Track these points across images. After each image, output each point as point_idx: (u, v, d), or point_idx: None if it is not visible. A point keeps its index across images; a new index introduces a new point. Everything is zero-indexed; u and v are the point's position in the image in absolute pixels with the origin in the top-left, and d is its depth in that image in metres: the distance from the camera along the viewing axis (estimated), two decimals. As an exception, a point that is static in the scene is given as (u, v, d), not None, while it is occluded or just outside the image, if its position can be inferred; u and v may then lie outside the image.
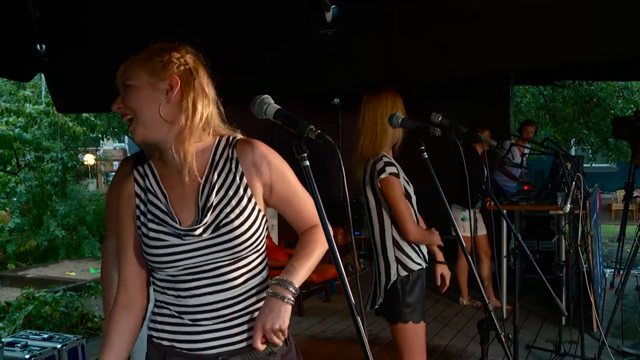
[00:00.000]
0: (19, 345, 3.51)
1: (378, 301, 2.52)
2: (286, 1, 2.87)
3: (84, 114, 8.77)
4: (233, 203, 1.40)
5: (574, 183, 3.66)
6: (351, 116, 2.61)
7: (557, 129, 11.93)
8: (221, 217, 1.39)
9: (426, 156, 2.21)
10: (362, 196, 2.59)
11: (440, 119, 2.28)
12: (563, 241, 4.69)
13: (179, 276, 1.41)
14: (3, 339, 3.79)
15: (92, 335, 5.21)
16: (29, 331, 3.96)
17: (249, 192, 1.43)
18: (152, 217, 1.43)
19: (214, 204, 1.40)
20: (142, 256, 1.46)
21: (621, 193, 9.74)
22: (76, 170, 10.60)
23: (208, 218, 1.39)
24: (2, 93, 10.22)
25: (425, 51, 2.76)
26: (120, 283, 1.50)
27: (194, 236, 1.39)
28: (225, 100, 1.54)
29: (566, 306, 3.60)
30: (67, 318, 5.20)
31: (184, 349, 1.43)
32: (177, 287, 1.42)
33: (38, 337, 3.68)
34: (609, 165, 15.65)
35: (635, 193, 6.17)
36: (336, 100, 7.62)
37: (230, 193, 1.41)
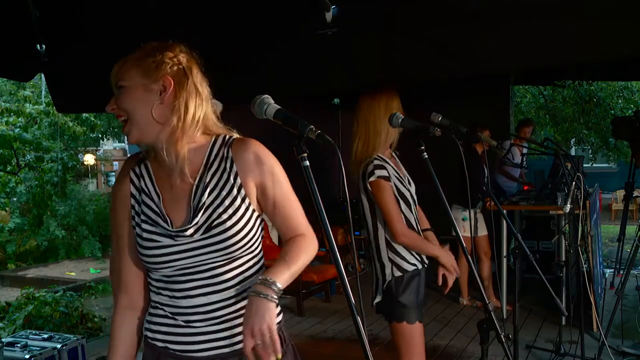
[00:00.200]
0: (19, 345, 3.51)
1: (376, 299, 2.53)
2: (286, 1, 2.87)
3: (84, 114, 8.77)
4: (226, 203, 1.39)
5: (574, 183, 3.66)
6: (351, 116, 2.61)
7: (557, 129, 11.93)
8: (213, 218, 1.37)
9: (426, 156, 2.21)
10: (359, 197, 2.60)
11: (440, 119, 2.28)
12: (563, 241, 4.68)
13: (173, 277, 1.40)
14: (3, 339, 3.79)
15: (92, 335, 5.21)
16: (29, 331, 3.96)
17: (243, 192, 1.41)
18: (146, 218, 1.42)
19: (206, 205, 1.38)
20: (138, 257, 1.45)
21: (621, 193, 9.73)
22: (76, 170, 10.60)
23: (199, 218, 1.38)
24: (2, 93, 10.22)
25: (425, 51, 2.76)
26: (120, 285, 1.49)
27: (185, 237, 1.37)
28: (225, 100, 1.54)
29: (566, 306, 3.60)
30: (67, 318, 5.20)
31: (178, 351, 1.41)
32: (171, 288, 1.41)
33: (38, 337, 3.68)
34: (609, 165, 15.66)
35: (635, 193, 6.16)
36: (336, 100, 7.62)
37: (223, 193, 1.39)
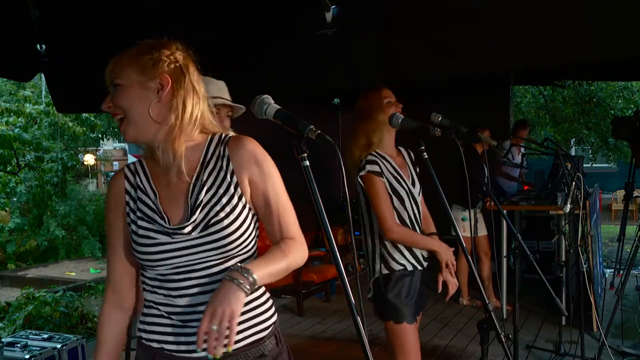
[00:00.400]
0: (19, 345, 3.51)
1: (368, 294, 2.53)
2: (286, 1, 2.87)
3: (84, 114, 8.77)
4: (223, 201, 1.38)
5: (574, 183, 3.65)
6: (351, 116, 2.61)
7: (557, 129, 11.94)
8: (211, 216, 1.37)
9: (426, 156, 2.21)
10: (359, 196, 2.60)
11: (440, 119, 2.28)
12: (563, 241, 4.68)
13: (169, 275, 1.38)
14: (3, 339, 3.79)
15: (92, 335, 5.20)
16: (29, 331, 3.96)
17: (240, 191, 1.40)
18: (142, 215, 1.40)
19: (204, 202, 1.38)
20: (132, 255, 1.43)
21: (621, 193, 9.73)
22: (76, 170, 10.60)
23: (197, 216, 1.37)
24: (2, 93, 10.22)
25: (425, 51, 2.77)
26: (108, 282, 1.47)
27: (183, 234, 1.36)
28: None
29: (566, 306, 3.60)
30: (67, 318, 5.20)
31: (174, 351, 1.39)
32: (167, 287, 1.39)
33: (38, 337, 3.68)
34: (609, 165, 15.66)
35: (635, 193, 6.17)
36: (336, 100, 7.63)
37: (220, 191, 1.39)
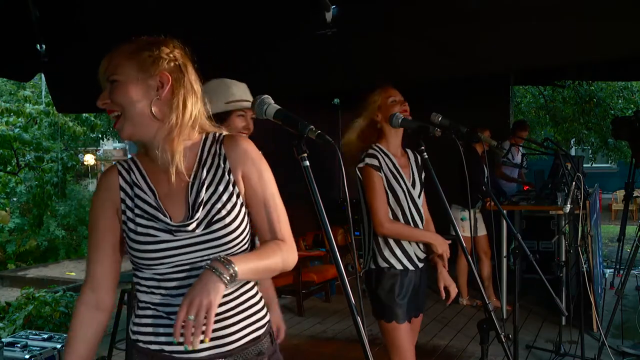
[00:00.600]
0: (19, 345, 3.52)
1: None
2: (286, 1, 2.87)
3: (84, 114, 8.75)
4: (224, 199, 1.38)
5: (574, 183, 3.65)
6: (351, 116, 2.61)
7: (557, 129, 11.93)
8: (213, 213, 1.36)
9: (426, 156, 2.21)
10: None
11: (440, 119, 2.28)
12: (563, 241, 4.68)
13: (168, 274, 1.35)
14: (3, 339, 3.79)
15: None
16: (29, 331, 3.96)
17: (237, 189, 1.40)
18: (141, 212, 1.37)
19: (205, 200, 1.37)
20: (115, 254, 1.40)
21: (621, 193, 9.73)
22: (76, 170, 10.59)
23: (200, 214, 1.36)
24: (2, 93, 10.22)
25: (425, 51, 2.77)
26: (87, 281, 1.42)
27: (187, 232, 1.35)
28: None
29: (566, 306, 3.60)
30: (67, 318, 5.19)
31: (174, 352, 1.35)
32: (166, 286, 1.36)
33: (38, 337, 3.68)
34: (609, 165, 15.68)
35: (635, 193, 6.17)
36: (336, 100, 7.63)
37: (220, 189, 1.39)
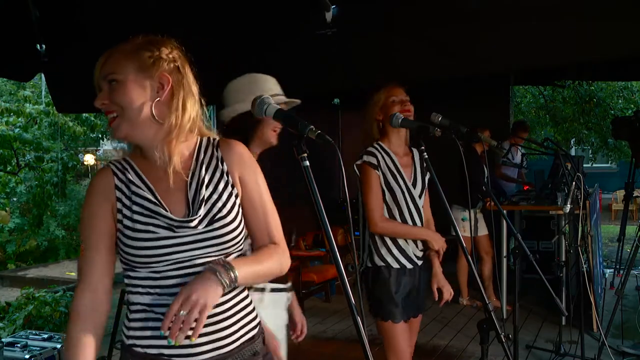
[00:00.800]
0: (19, 345, 3.52)
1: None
2: (286, 1, 2.87)
3: (84, 114, 8.74)
4: (224, 198, 1.39)
5: (574, 183, 3.65)
6: (351, 116, 2.61)
7: (557, 129, 11.94)
8: (214, 211, 1.36)
9: (426, 156, 2.21)
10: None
11: (440, 119, 2.28)
12: (563, 241, 4.68)
13: (165, 272, 1.33)
14: (3, 339, 3.79)
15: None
16: (29, 331, 3.96)
17: (236, 190, 1.42)
18: (140, 209, 1.35)
19: (205, 198, 1.37)
20: (111, 255, 1.38)
21: (621, 193, 9.72)
22: (76, 170, 10.58)
23: (202, 211, 1.36)
24: (2, 93, 10.22)
25: (425, 51, 2.77)
26: (85, 283, 1.35)
27: (189, 228, 1.34)
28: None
29: (566, 306, 3.60)
30: (67, 318, 5.19)
31: (174, 356, 1.33)
32: (163, 285, 1.34)
33: (38, 337, 3.68)
34: (609, 165, 15.67)
35: (635, 193, 6.17)
36: (336, 100, 7.62)
37: (220, 188, 1.40)
